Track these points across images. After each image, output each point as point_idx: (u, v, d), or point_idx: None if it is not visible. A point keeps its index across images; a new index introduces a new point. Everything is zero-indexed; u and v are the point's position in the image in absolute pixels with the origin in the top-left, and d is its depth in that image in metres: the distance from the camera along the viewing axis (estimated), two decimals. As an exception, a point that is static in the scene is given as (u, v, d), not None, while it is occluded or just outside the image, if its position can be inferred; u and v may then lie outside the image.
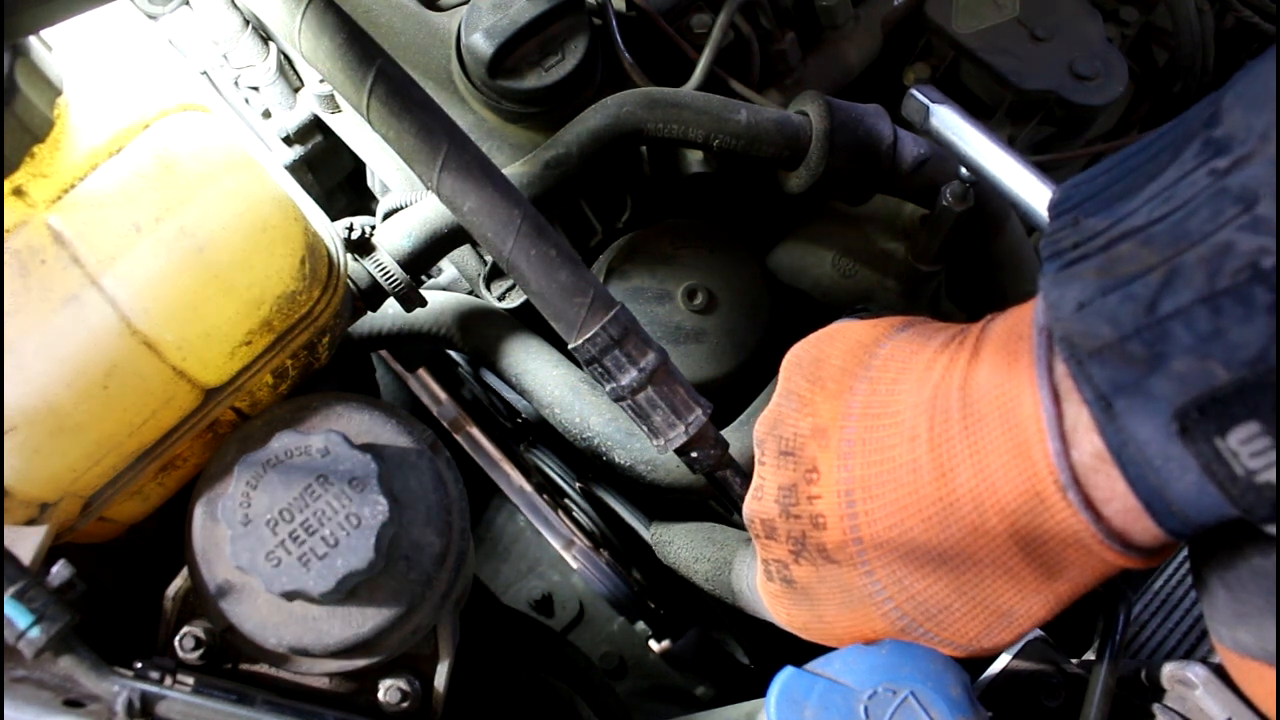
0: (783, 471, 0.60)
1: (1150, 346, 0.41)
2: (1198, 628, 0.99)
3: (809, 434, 0.59)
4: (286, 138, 1.26)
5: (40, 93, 0.66)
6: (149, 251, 0.69)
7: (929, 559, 0.53)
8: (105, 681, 0.66)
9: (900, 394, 0.55)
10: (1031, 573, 0.51)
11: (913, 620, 0.56)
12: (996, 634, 0.56)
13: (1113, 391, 0.43)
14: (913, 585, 0.55)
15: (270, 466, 0.72)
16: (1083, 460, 0.46)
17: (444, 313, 1.04)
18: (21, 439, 0.68)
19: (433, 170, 0.78)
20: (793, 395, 0.62)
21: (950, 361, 0.53)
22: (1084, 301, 0.43)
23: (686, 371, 0.93)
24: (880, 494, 0.54)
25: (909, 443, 0.53)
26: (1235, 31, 1.40)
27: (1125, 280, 0.42)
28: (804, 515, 0.58)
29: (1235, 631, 0.51)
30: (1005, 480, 0.49)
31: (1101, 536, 0.47)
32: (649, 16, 1.11)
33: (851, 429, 0.56)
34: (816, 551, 0.58)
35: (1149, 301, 0.41)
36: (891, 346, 0.58)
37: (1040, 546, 0.49)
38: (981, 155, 0.84)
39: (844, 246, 1.17)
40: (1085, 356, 0.43)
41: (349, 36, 0.79)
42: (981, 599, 0.54)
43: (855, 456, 0.56)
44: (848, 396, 0.58)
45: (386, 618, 0.73)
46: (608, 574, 1.46)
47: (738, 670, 1.53)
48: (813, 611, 0.62)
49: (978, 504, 0.50)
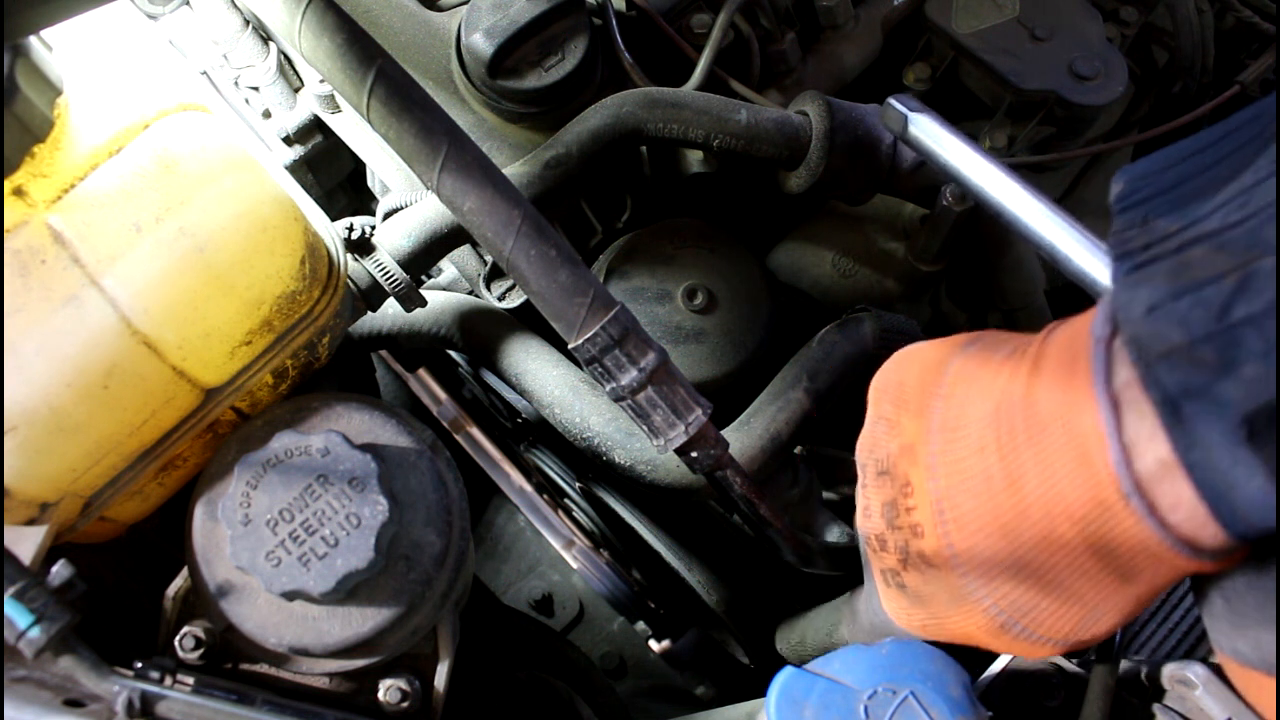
0: (883, 490, 0.64)
1: (1221, 352, 0.41)
2: (1198, 628, 0.99)
3: (898, 453, 0.62)
4: (286, 138, 1.26)
5: (40, 93, 0.66)
6: (149, 251, 0.69)
7: (1011, 563, 0.55)
8: (105, 681, 0.66)
9: (969, 408, 0.57)
10: (1108, 576, 0.52)
11: (1010, 618, 0.58)
12: (1090, 628, 0.57)
13: (1181, 395, 0.43)
14: (1002, 587, 0.57)
15: (270, 466, 0.72)
16: (1146, 468, 0.46)
17: (444, 313, 1.04)
18: (22, 439, 0.68)
19: (433, 170, 0.78)
20: (882, 419, 0.65)
21: (1012, 375, 0.55)
22: (1155, 304, 0.44)
23: (686, 371, 0.93)
24: (961, 503, 0.57)
25: (979, 454, 0.55)
26: (1235, 31, 1.40)
27: (1198, 285, 0.43)
28: (905, 526, 0.61)
29: (1234, 641, 0.52)
30: (1072, 489, 0.50)
31: (1169, 543, 0.47)
32: (649, 16, 1.11)
33: (935, 444, 0.59)
34: (919, 558, 0.61)
35: (1221, 307, 0.42)
36: (960, 363, 0.60)
37: (1112, 552, 0.50)
38: (962, 163, 0.84)
39: (844, 246, 1.17)
40: (1154, 359, 0.44)
41: (349, 36, 0.79)
42: (1067, 599, 0.55)
43: (939, 470, 0.58)
44: (928, 415, 0.61)
45: (386, 618, 0.73)
46: (608, 574, 1.47)
47: (738, 670, 1.53)
48: (927, 610, 0.65)
49: (1048, 512, 0.52)
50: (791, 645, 1.03)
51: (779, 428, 0.96)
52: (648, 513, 1.16)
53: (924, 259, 1.13)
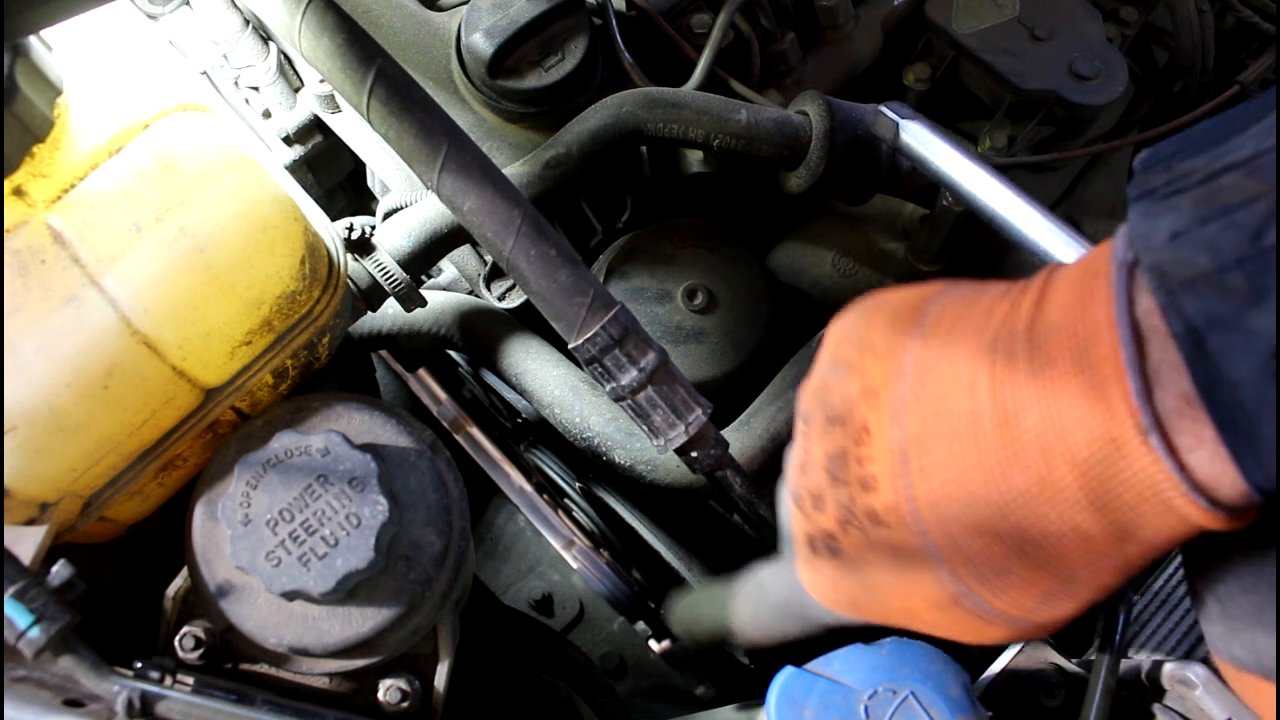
0: (830, 439, 0.57)
1: (1252, 278, 0.38)
2: (1198, 627, 0.99)
3: (859, 396, 0.56)
4: (286, 138, 1.26)
5: (40, 93, 0.66)
6: (149, 251, 0.69)
7: (988, 515, 0.50)
8: (105, 681, 0.66)
9: (956, 345, 0.52)
10: (1101, 531, 0.47)
11: (966, 586, 0.53)
12: (1055, 604, 0.52)
13: (1207, 325, 0.39)
14: (969, 545, 0.52)
15: (270, 466, 0.72)
16: (1166, 402, 0.42)
17: (444, 313, 1.04)
18: (22, 439, 0.68)
19: (433, 170, 0.78)
20: (840, 363, 0.59)
21: (1013, 308, 0.50)
22: (1179, 230, 0.40)
23: (686, 371, 0.93)
24: (936, 448, 0.51)
25: (967, 391, 0.50)
26: (1235, 31, 1.40)
27: (1229, 209, 0.39)
28: (853, 480, 0.55)
29: (1230, 646, 0.50)
30: (1078, 426, 0.45)
31: (1186, 489, 0.43)
32: (649, 16, 1.11)
33: (905, 386, 0.53)
34: (866, 517, 0.55)
35: (1254, 230, 0.38)
36: (945, 303, 0.55)
37: (1114, 500, 0.45)
38: (953, 169, 0.84)
39: (844, 246, 1.17)
40: (1177, 287, 0.40)
41: (349, 36, 0.79)
42: (1044, 561, 0.50)
43: (909, 413, 0.53)
44: (900, 354, 0.55)
45: (386, 618, 0.73)
46: (608, 574, 1.46)
47: (738, 670, 1.53)
48: (862, 582, 0.59)
49: (1045, 452, 0.46)
50: (681, 620, 0.96)
51: (779, 428, 0.96)
52: (648, 513, 1.16)
53: (924, 259, 1.13)
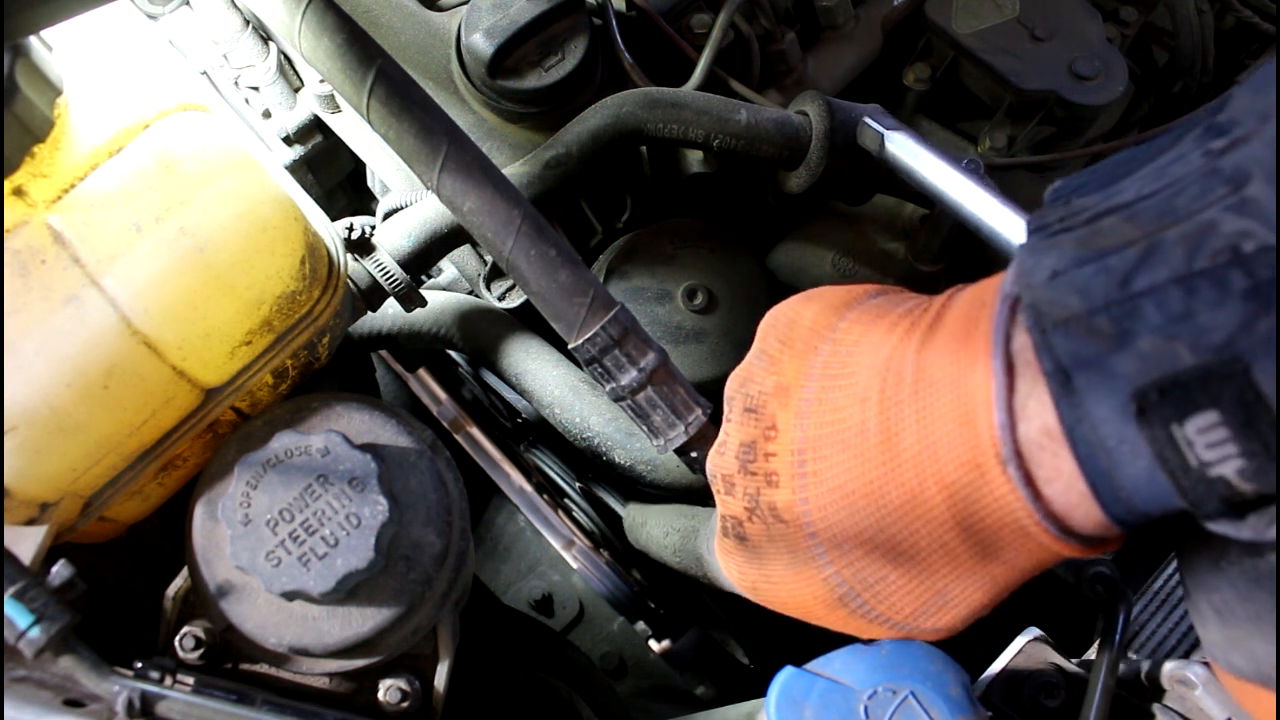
0: (745, 428, 0.60)
1: (1118, 322, 0.40)
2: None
3: (772, 392, 0.59)
4: (286, 138, 1.26)
5: (40, 93, 0.66)
6: (149, 251, 0.69)
7: (868, 526, 0.52)
8: (105, 681, 0.66)
9: (859, 356, 0.54)
10: (967, 550, 0.50)
11: (851, 589, 0.55)
12: (933, 615, 0.54)
13: (1073, 365, 0.41)
14: (852, 552, 0.54)
15: (270, 466, 0.72)
16: (1030, 436, 0.44)
17: (444, 313, 1.04)
18: (22, 439, 0.68)
19: (433, 170, 0.78)
20: (764, 354, 0.61)
21: (911, 327, 0.52)
22: (1058, 270, 0.42)
23: (686, 371, 0.93)
24: (829, 455, 0.53)
25: (859, 404, 0.52)
26: (1235, 31, 1.40)
27: (1103, 253, 0.41)
28: (759, 473, 0.58)
29: (1229, 655, 0.50)
30: (948, 449, 0.47)
31: (1039, 517, 0.45)
32: (649, 16, 1.11)
33: (811, 389, 0.56)
34: (768, 510, 0.57)
35: (1123, 276, 0.40)
36: (859, 310, 0.57)
37: (977, 523, 0.48)
38: (939, 180, 0.84)
39: (844, 246, 1.17)
40: (1050, 326, 0.42)
41: (349, 36, 0.79)
42: (916, 574, 0.53)
43: (810, 416, 0.55)
44: (811, 356, 0.57)
45: (386, 618, 0.73)
46: (608, 574, 1.46)
47: (738, 670, 1.53)
48: (762, 570, 0.61)
49: (919, 471, 0.49)
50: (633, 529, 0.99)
51: (779, 428, 0.96)
52: (648, 513, 1.15)
53: (924, 259, 1.13)
